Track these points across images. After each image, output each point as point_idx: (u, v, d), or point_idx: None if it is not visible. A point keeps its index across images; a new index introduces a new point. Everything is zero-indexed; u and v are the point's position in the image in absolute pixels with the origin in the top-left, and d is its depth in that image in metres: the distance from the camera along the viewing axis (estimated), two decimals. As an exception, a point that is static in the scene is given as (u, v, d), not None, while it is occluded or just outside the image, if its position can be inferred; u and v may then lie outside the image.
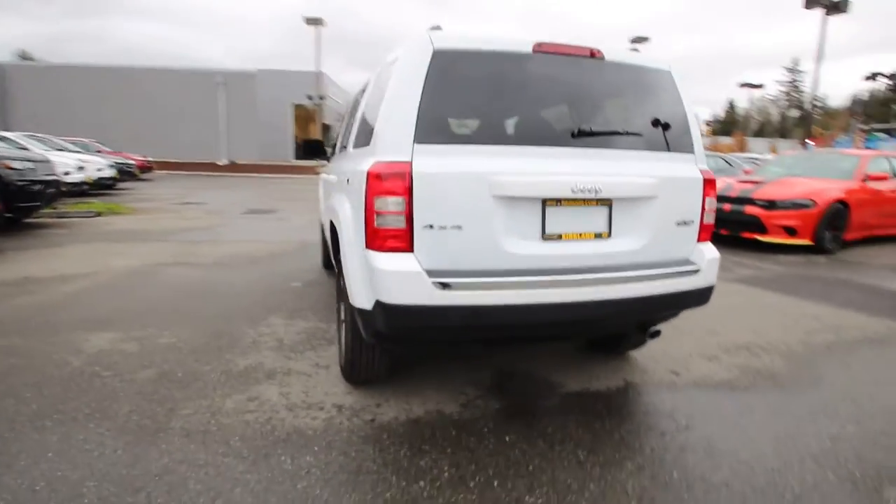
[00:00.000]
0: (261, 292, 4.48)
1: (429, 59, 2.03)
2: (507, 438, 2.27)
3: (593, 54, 2.22)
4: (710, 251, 2.45)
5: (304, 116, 32.88)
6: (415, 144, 1.99)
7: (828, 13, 15.64)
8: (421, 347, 2.91)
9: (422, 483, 1.94)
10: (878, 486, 1.99)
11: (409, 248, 1.99)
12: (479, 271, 2.04)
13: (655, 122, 2.33)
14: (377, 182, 1.98)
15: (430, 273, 1.95)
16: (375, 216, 1.99)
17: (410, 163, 1.97)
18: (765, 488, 1.96)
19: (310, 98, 27.06)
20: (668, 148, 2.36)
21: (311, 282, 4.95)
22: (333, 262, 3.15)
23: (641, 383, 2.86)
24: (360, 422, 2.37)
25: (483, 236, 2.04)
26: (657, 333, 2.48)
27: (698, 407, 2.61)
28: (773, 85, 77.32)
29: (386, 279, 1.96)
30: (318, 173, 5.41)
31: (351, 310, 2.34)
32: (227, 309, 3.96)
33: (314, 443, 2.18)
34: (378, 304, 2.01)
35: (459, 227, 2.01)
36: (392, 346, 2.40)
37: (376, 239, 2.00)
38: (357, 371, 2.51)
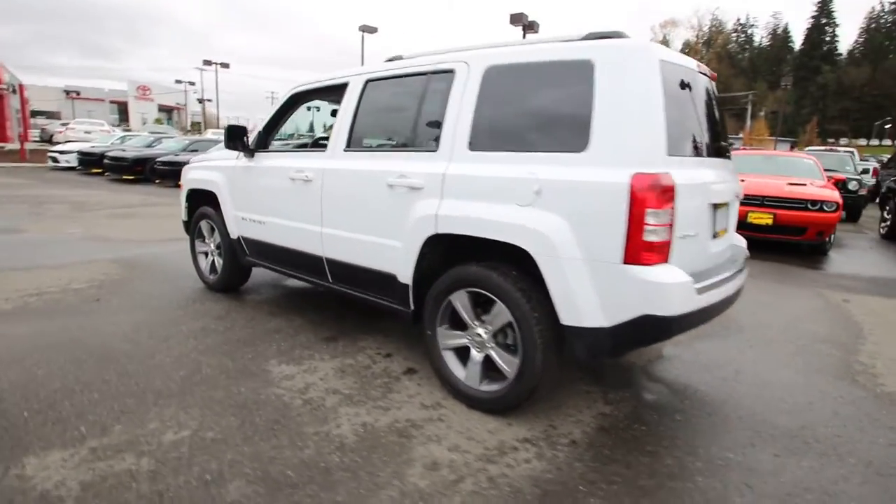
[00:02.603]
0: (184, 337, 3.29)
1: (658, 68, 2.02)
2: (677, 417, 2.52)
3: (712, 77, 2.58)
4: (742, 238, 3.15)
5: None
6: (667, 157, 1.99)
7: (524, 31, 20.02)
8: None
9: (699, 478, 2.04)
10: (875, 383, 3.06)
11: (667, 258, 2.00)
12: (693, 273, 2.19)
13: (725, 135, 2.87)
14: (647, 194, 1.90)
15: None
16: (645, 229, 1.91)
17: (671, 174, 1.96)
18: (822, 398, 2.79)
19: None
20: (729, 157, 2.94)
21: (229, 310, 3.86)
22: (408, 281, 2.65)
23: (671, 348, 3.46)
24: (566, 449, 2.23)
25: (701, 240, 2.21)
26: None
27: (720, 356, 3.35)
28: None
29: (666, 292, 1.93)
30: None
31: (552, 332, 2.14)
32: (186, 371, 2.81)
33: (568, 484, 1.98)
34: (648, 318, 1.94)
35: (695, 235, 2.12)
36: (606, 360, 2.31)
37: (645, 252, 1.92)
38: (530, 395, 2.30)
